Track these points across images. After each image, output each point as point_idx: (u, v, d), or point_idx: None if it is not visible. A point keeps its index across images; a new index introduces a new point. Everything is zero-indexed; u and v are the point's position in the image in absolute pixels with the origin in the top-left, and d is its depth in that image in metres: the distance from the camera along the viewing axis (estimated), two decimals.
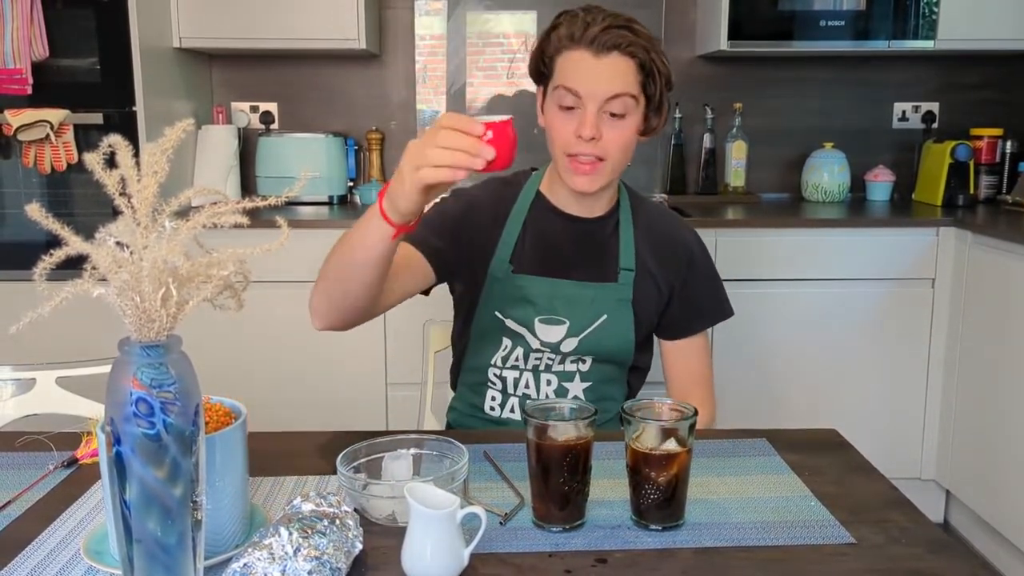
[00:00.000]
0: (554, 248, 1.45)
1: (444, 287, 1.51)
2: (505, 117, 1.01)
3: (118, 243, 0.71)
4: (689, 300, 1.50)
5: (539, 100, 1.43)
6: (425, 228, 1.41)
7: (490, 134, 0.99)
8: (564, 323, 1.42)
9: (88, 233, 0.71)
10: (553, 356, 1.44)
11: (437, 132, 0.99)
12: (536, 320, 1.42)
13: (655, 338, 1.55)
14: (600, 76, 1.31)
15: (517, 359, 1.46)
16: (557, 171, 1.42)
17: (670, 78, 1.37)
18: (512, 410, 1.48)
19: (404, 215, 1.07)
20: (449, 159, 0.98)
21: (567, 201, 1.46)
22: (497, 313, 1.44)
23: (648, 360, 1.56)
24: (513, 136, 1.00)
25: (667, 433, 0.98)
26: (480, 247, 1.45)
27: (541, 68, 1.39)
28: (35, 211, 0.70)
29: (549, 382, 1.46)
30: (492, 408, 1.50)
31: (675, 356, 1.54)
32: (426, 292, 1.45)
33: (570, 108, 1.34)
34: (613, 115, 1.33)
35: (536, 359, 1.45)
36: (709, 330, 1.55)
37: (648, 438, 0.98)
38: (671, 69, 1.38)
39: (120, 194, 0.72)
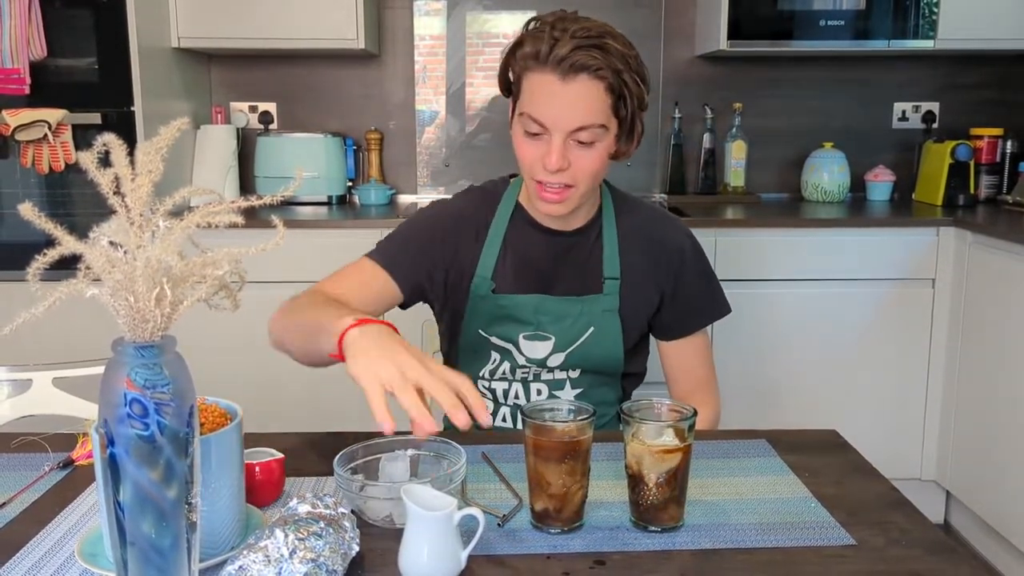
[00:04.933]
0: (535, 264, 1.42)
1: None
2: None
3: (112, 243, 0.71)
4: (682, 300, 1.46)
5: (510, 113, 1.37)
6: (398, 251, 1.39)
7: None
8: (550, 339, 1.40)
9: (86, 233, 0.71)
10: (539, 369, 1.43)
11: (435, 367, 0.97)
12: (520, 337, 1.40)
13: (653, 341, 1.53)
14: (566, 104, 1.24)
15: (505, 372, 1.44)
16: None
17: (643, 99, 1.29)
18: (504, 419, 1.46)
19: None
20: (410, 399, 0.94)
21: (545, 215, 1.41)
22: (481, 331, 1.42)
23: (641, 364, 1.53)
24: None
25: (666, 434, 0.98)
26: (460, 266, 1.41)
27: (508, 84, 1.34)
28: (27, 210, 0.70)
29: (539, 391, 1.44)
30: None
31: (674, 358, 1.51)
32: (403, 306, 1.43)
33: (536, 134, 1.29)
34: (581, 143, 1.28)
35: (523, 373, 1.43)
36: (708, 329, 1.52)
37: (647, 439, 0.98)
38: (647, 87, 1.30)
39: (114, 193, 0.71)
